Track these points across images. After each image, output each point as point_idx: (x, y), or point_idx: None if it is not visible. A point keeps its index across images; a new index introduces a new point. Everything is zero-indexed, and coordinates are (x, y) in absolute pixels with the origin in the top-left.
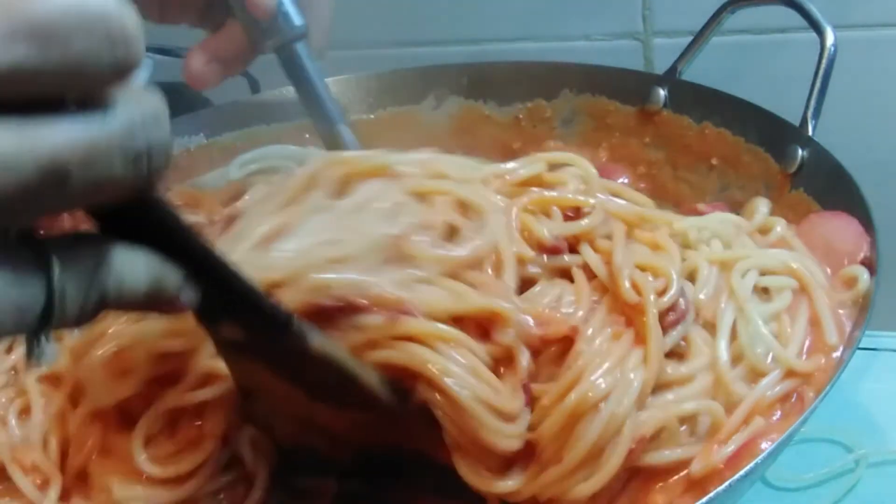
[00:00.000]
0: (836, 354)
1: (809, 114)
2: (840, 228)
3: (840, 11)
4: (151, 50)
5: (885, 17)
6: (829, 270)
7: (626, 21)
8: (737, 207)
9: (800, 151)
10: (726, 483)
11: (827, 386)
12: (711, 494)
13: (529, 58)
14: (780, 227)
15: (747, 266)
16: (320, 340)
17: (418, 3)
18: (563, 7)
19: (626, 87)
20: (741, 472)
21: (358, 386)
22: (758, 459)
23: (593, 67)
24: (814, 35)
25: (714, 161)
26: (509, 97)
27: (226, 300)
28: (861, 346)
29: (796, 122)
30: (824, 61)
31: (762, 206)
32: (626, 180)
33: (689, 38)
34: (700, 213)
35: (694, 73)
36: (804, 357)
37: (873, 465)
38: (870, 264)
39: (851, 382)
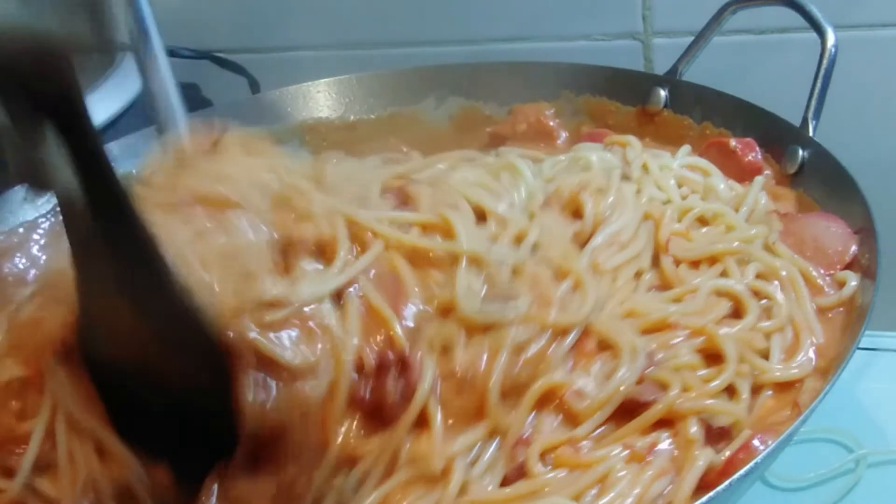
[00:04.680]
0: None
1: (810, 114)
2: (829, 229)
3: (840, 11)
4: None
5: (885, 17)
6: (821, 270)
7: (626, 21)
8: None
9: (800, 152)
10: (726, 483)
11: (826, 386)
12: (711, 494)
13: (530, 58)
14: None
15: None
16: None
17: (418, 3)
18: (563, 7)
19: (627, 87)
20: (741, 472)
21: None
22: (758, 459)
23: (593, 67)
24: (814, 35)
25: None
26: (509, 97)
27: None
28: (861, 346)
29: (797, 122)
30: (825, 62)
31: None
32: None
33: (690, 38)
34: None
35: (695, 73)
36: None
37: (873, 465)
38: (858, 263)
39: (851, 382)
